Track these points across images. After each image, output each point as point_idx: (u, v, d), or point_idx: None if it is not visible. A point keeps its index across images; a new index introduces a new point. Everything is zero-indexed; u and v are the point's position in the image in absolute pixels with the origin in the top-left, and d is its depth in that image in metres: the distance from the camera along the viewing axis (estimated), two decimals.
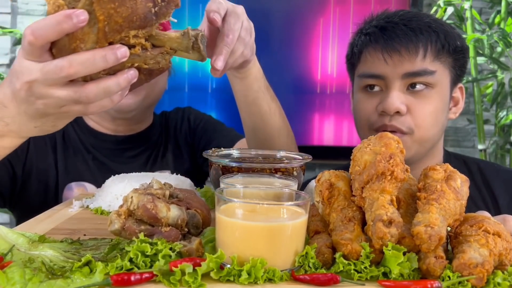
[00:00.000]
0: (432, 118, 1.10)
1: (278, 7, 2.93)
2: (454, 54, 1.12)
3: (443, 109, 1.13)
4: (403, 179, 0.66)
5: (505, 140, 2.61)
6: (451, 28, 1.15)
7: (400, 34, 1.09)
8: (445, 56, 1.11)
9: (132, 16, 0.64)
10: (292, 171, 0.94)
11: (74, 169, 1.32)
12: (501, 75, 2.56)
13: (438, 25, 1.12)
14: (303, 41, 2.94)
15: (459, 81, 1.18)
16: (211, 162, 0.97)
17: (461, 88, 1.20)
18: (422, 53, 1.08)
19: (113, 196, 0.96)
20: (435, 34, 1.10)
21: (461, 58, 1.15)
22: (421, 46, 1.08)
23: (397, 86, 1.09)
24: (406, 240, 0.62)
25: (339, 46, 2.95)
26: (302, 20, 2.95)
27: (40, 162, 1.30)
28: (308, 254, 0.62)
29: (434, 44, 1.09)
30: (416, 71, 1.08)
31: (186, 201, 0.74)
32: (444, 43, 1.10)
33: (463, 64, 1.17)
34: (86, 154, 1.35)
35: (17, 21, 2.77)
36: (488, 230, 0.63)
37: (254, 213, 0.62)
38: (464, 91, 1.21)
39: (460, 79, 1.18)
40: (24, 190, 1.28)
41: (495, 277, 0.59)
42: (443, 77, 1.12)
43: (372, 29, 1.14)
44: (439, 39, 1.10)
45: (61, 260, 0.62)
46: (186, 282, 0.56)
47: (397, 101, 1.07)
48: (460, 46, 1.13)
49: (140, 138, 1.42)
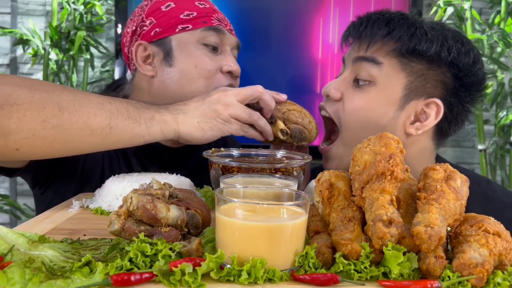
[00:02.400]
0: (361, 115, 1.05)
1: (278, 7, 2.93)
2: (434, 65, 1.05)
3: (383, 111, 1.05)
4: (403, 179, 0.66)
5: (505, 140, 2.61)
6: (456, 41, 1.05)
7: (368, 24, 1.07)
8: (410, 59, 1.04)
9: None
10: (292, 171, 0.94)
11: (118, 169, 1.29)
12: (501, 75, 2.56)
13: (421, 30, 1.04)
14: (303, 41, 2.94)
15: (438, 96, 1.06)
16: (211, 162, 0.97)
17: (436, 104, 1.05)
18: (375, 43, 1.06)
19: (113, 196, 0.96)
20: (398, 34, 1.04)
21: (447, 74, 1.05)
22: (376, 36, 1.05)
23: (347, 72, 1.11)
24: (406, 240, 0.62)
25: (338, 46, 2.95)
26: (302, 20, 2.95)
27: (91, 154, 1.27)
28: (308, 254, 0.62)
29: (395, 41, 1.04)
30: (363, 56, 1.07)
31: (186, 201, 0.74)
32: (410, 45, 1.03)
33: (452, 83, 1.06)
34: (132, 158, 1.31)
35: (17, 21, 2.77)
36: (488, 230, 0.63)
37: (254, 213, 0.62)
38: (441, 109, 1.05)
39: (442, 95, 1.06)
40: (69, 175, 1.24)
41: (495, 277, 0.59)
42: (392, 77, 1.05)
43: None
44: (400, 40, 1.04)
45: (61, 260, 0.62)
46: (186, 282, 0.56)
47: (331, 85, 1.11)
48: (455, 63, 1.04)
49: (186, 150, 1.38)
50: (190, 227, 0.71)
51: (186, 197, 0.75)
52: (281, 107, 1.08)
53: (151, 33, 1.23)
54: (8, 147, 0.85)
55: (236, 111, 1.01)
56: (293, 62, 2.93)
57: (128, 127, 0.93)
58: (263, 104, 1.05)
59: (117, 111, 0.92)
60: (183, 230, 0.70)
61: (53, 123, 0.86)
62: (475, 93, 1.09)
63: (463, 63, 1.05)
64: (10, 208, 2.68)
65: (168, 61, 1.22)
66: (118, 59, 2.84)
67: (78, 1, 2.62)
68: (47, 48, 2.59)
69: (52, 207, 1.02)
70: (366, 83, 1.06)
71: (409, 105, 1.06)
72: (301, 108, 1.10)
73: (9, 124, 0.83)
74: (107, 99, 0.94)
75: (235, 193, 0.70)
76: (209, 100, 1.02)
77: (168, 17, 1.22)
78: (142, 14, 1.25)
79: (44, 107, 0.85)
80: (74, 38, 2.59)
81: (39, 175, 1.20)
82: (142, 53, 1.24)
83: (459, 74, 1.06)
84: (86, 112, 0.89)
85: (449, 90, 1.07)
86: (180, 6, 1.22)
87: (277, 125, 1.07)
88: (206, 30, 1.20)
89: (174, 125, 0.99)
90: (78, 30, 2.58)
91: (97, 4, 2.62)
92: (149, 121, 0.96)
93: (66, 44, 2.62)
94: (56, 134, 0.87)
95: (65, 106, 0.87)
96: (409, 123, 1.07)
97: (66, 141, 0.89)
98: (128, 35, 1.29)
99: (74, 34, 2.60)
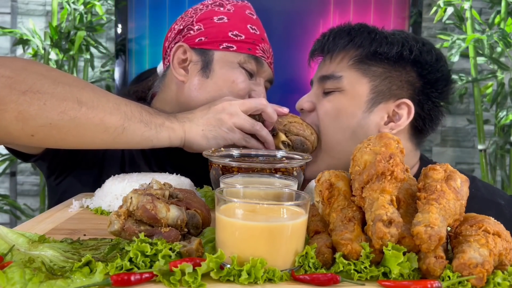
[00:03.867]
0: (331, 116, 1.12)
1: (278, 8, 2.93)
2: (391, 64, 1.10)
3: (351, 111, 1.10)
4: (403, 179, 0.66)
5: (505, 140, 2.61)
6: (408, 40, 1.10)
7: (328, 40, 1.14)
8: (370, 64, 1.10)
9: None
10: (292, 171, 0.94)
11: (138, 166, 1.28)
12: (501, 75, 2.56)
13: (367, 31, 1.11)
14: (303, 42, 2.94)
15: (407, 96, 1.10)
16: (211, 162, 0.97)
17: (406, 104, 1.09)
18: (336, 56, 1.13)
19: (113, 196, 0.96)
20: (359, 40, 1.10)
21: (412, 73, 1.10)
22: (337, 48, 1.12)
23: (315, 87, 1.18)
24: (406, 240, 0.62)
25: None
26: (302, 21, 2.95)
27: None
28: (308, 254, 0.62)
29: (355, 48, 1.10)
30: (325, 75, 1.14)
31: (186, 201, 0.74)
32: (371, 49, 1.09)
33: (413, 79, 1.11)
34: (150, 155, 1.31)
35: (17, 21, 2.78)
36: (488, 230, 0.63)
37: (254, 213, 0.62)
38: (411, 109, 1.09)
39: (410, 95, 1.10)
40: (88, 165, 1.24)
41: (495, 277, 0.59)
42: (355, 84, 1.10)
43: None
44: (362, 46, 1.10)
45: (61, 260, 0.62)
46: (186, 282, 0.56)
47: (303, 100, 1.18)
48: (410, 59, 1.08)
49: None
50: (190, 227, 0.71)
51: (186, 197, 0.75)
52: (283, 119, 1.12)
53: (196, 40, 1.23)
54: (24, 132, 0.88)
55: (240, 121, 1.04)
56: (293, 63, 2.93)
57: (139, 130, 0.97)
58: (266, 116, 1.08)
59: (131, 114, 0.97)
60: (183, 230, 0.70)
61: (71, 115, 0.89)
62: (442, 88, 1.13)
63: (426, 61, 1.09)
64: (10, 208, 2.68)
65: (206, 72, 1.22)
66: (118, 59, 2.85)
67: (78, 1, 2.62)
68: (47, 48, 2.59)
69: (65, 199, 1.05)
70: (332, 91, 1.13)
71: (377, 107, 1.11)
72: (302, 121, 1.14)
73: (29, 110, 0.86)
74: (123, 101, 0.98)
75: (235, 193, 0.70)
76: (214, 109, 1.05)
77: (217, 30, 1.22)
78: (194, 17, 1.25)
79: (64, 99, 0.89)
80: (74, 38, 2.60)
81: (56, 164, 1.21)
82: (180, 55, 1.24)
83: (423, 72, 1.10)
84: (103, 110, 0.93)
85: (416, 89, 1.11)
86: (232, 23, 1.23)
87: (279, 137, 1.10)
88: (248, 56, 1.22)
89: (181, 133, 1.03)
90: (78, 30, 2.58)
91: (97, 4, 2.62)
92: (159, 127, 1.00)
93: (66, 44, 2.62)
94: (72, 126, 0.90)
95: (85, 101, 0.91)
96: (382, 123, 1.11)
97: (80, 134, 0.92)
98: (174, 32, 1.28)
99: (74, 34, 2.60)
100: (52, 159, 1.19)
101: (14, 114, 0.85)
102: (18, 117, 0.86)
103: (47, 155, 1.17)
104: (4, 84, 0.85)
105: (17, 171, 2.86)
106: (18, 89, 0.85)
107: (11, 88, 0.85)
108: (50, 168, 1.22)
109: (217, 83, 1.21)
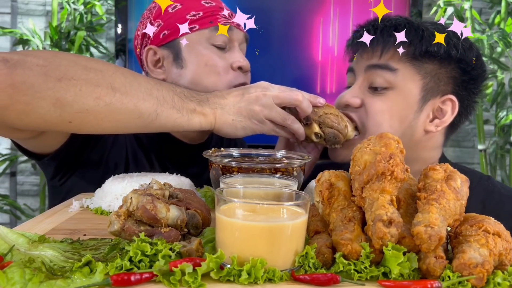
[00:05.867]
0: (385, 117, 1.09)
1: (278, 7, 2.93)
2: (442, 63, 1.09)
3: (405, 114, 1.09)
4: (403, 179, 0.66)
5: (505, 140, 2.61)
6: (457, 39, 1.08)
7: (374, 32, 1.10)
8: (423, 61, 1.08)
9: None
10: (292, 171, 0.94)
11: (141, 165, 1.31)
12: (501, 75, 2.56)
13: (423, 28, 1.08)
14: (303, 40, 2.94)
15: (451, 92, 1.11)
16: (211, 162, 0.97)
17: (451, 100, 1.11)
18: (388, 50, 1.09)
19: (113, 196, 0.96)
20: (414, 36, 1.07)
21: (456, 69, 1.10)
22: (388, 43, 1.08)
23: (360, 80, 1.13)
24: (406, 240, 0.62)
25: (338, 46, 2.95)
26: (302, 20, 2.95)
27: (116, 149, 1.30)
28: (308, 254, 0.62)
29: (407, 45, 1.07)
30: (377, 64, 1.10)
31: (186, 201, 0.74)
32: (423, 48, 1.07)
33: (461, 77, 1.11)
34: (151, 151, 1.33)
35: (17, 21, 2.78)
36: (488, 230, 0.63)
37: (254, 213, 0.62)
38: (456, 104, 1.11)
39: (454, 90, 1.11)
40: (94, 164, 1.26)
41: (495, 277, 0.59)
42: (408, 81, 1.09)
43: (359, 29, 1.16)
44: (417, 42, 1.07)
45: (61, 260, 0.62)
46: (186, 282, 0.56)
47: (348, 94, 1.13)
48: (461, 58, 1.08)
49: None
50: (190, 227, 0.71)
51: (186, 197, 0.75)
52: (318, 110, 1.09)
53: (160, 36, 1.23)
54: (62, 119, 0.88)
55: (272, 114, 1.03)
56: (293, 63, 2.93)
57: (172, 116, 0.97)
58: (300, 110, 1.06)
59: (163, 99, 0.96)
60: (183, 230, 0.70)
61: (106, 101, 0.89)
62: (480, 84, 1.15)
63: (469, 58, 1.10)
64: (10, 208, 2.68)
65: (179, 63, 1.22)
66: (118, 59, 2.85)
67: (78, 1, 2.62)
68: (47, 48, 2.59)
69: (68, 198, 1.05)
70: (384, 88, 1.09)
71: (427, 105, 1.10)
72: (338, 112, 1.10)
73: (66, 97, 0.86)
74: (155, 84, 0.98)
75: (235, 193, 0.70)
76: (248, 97, 1.03)
77: (175, 19, 1.22)
78: (151, 17, 1.25)
79: (98, 85, 0.89)
80: (74, 38, 2.59)
81: (65, 162, 1.21)
82: (152, 58, 1.25)
83: (467, 68, 1.10)
84: (136, 96, 0.93)
85: (459, 84, 1.11)
86: (186, 7, 1.23)
87: (312, 128, 1.07)
88: (213, 29, 1.21)
89: (212, 119, 1.03)
90: (78, 30, 2.58)
91: (97, 4, 2.62)
92: (191, 113, 1.00)
93: (66, 44, 2.62)
94: (107, 112, 0.90)
95: (117, 87, 0.91)
96: (428, 121, 1.11)
97: (116, 120, 0.92)
98: (139, 38, 1.29)
99: (74, 34, 2.60)
100: (63, 157, 1.19)
101: (52, 101, 0.84)
102: (56, 104, 0.85)
103: (59, 153, 1.17)
104: (39, 72, 0.84)
105: (17, 171, 2.86)
106: (53, 76, 0.84)
107: (47, 75, 0.84)
108: (58, 167, 1.23)
109: (192, 70, 1.21)
